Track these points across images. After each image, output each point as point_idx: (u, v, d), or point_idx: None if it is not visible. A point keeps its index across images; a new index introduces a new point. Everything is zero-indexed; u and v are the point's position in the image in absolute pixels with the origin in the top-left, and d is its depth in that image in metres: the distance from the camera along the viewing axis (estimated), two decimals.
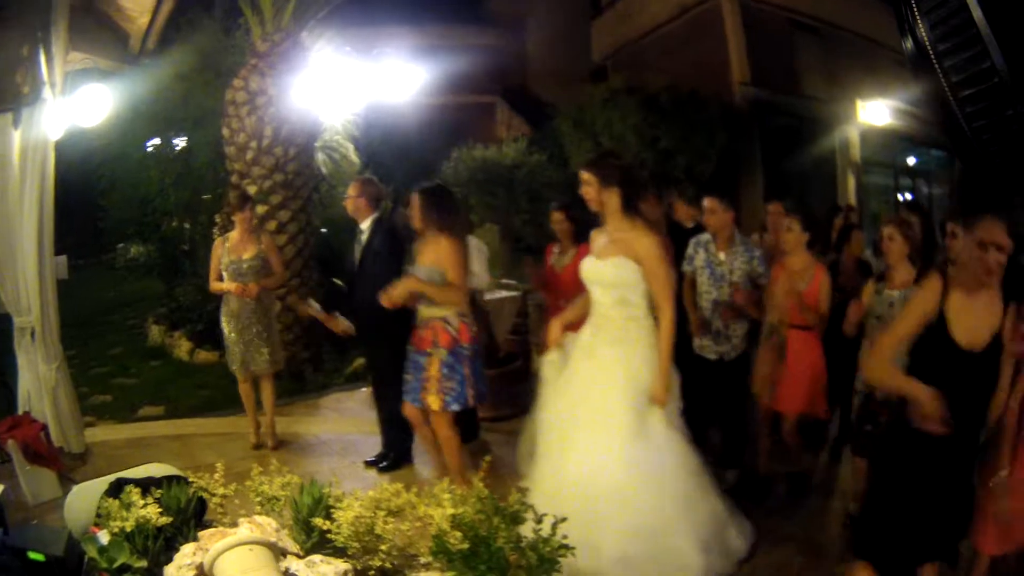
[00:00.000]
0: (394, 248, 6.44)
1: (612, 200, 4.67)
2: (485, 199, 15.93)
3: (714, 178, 14.99)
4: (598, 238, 4.86)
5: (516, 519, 2.93)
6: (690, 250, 6.30)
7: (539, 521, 3.07)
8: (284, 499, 3.75)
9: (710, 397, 6.06)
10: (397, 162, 16.66)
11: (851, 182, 17.25)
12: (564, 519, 3.07)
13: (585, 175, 4.76)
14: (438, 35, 24.62)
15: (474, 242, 7.08)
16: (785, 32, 19.56)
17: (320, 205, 12.55)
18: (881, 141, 18.87)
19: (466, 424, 6.50)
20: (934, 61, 39.15)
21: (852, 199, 16.81)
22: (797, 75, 19.54)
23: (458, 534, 2.85)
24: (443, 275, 5.35)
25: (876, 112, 16.61)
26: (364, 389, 8.86)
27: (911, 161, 22.50)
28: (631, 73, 18.31)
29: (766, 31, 18.88)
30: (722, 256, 6.08)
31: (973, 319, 3.08)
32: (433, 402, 5.36)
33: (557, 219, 6.65)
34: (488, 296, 8.72)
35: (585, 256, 5.00)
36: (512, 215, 16.23)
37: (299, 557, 3.18)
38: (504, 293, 9.49)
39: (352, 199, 6.60)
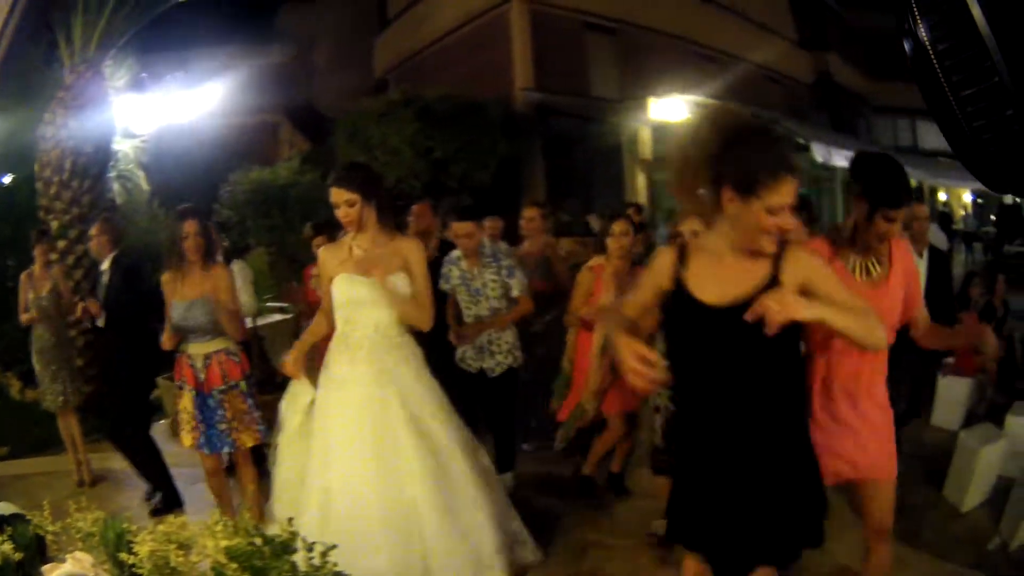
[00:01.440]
0: (132, 285, 6.56)
1: (372, 215, 4.49)
2: (261, 221, 15.76)
3: (494, 186, 15.40)
4: (343, 254, 4.59)
5: (286, 549, 2.86)
6: (444, 268, 6.37)
7: (310, 550, 2.94)
8: (97, 534, 3.53)
9: (476, 407, 6.25)
10: (190, 186, 16.26)
11: (641, 181, 17.54)
12: (334, 546, 2.93)
13: (345, 195, 4.41)
14: (230, 56, 24.24)
15: (237, 267, 7.36)
16: (577, 34, 20.12)
17: None
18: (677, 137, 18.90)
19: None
20: (934, 61, 42.38)
21: (642, 198, 17.17)
22: (587, 77, 20.11)
23: (234, 565, 2.81)
24: (220, 305, 5.24)
25: (671, 108, 16.55)
26: (163, 421, 9.05)
27: None
28: (413, 85, 18.53)
29: (556, 34, 19.39)
30: (475, 271, 6.21)
31: (718, 281, 2.97)
32: (248, 439, 5.31)
33: (311, 237, 6.80)
34: (262, 321, 9.08)
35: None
36: (287, 235, 15.94)
37: None
38: (278, 316, 9.81)
39: (95, 238, 6.74)
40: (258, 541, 2.86)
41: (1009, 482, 6.25)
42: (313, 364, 4.89)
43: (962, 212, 31.85)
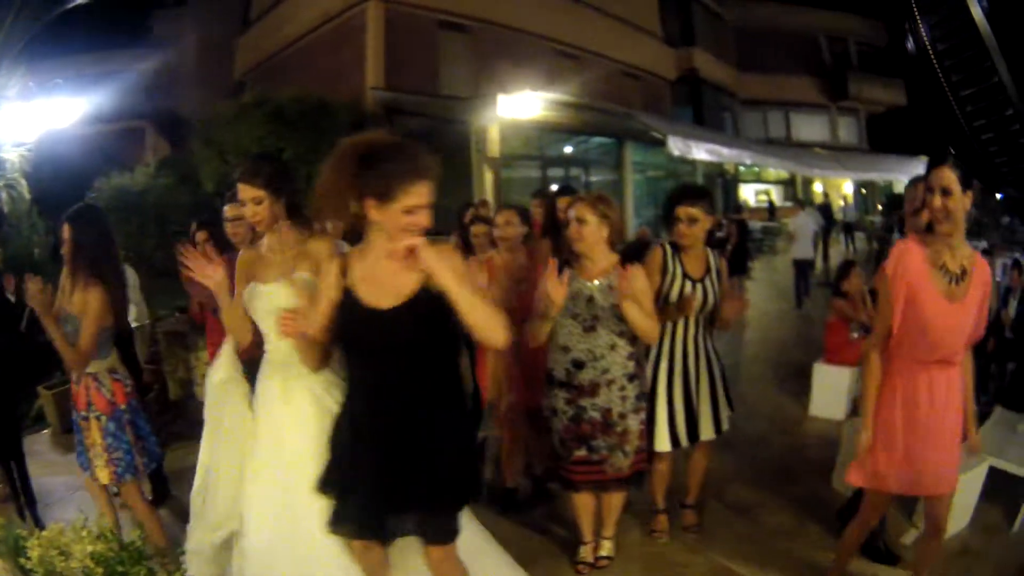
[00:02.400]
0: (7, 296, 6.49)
1: (282, 211, 4.04)
2: (121, 227, 15.65)
3: None
4: (252, 260, 4.13)
5: (141, 555, 3.14)
6: None
7: (164, 555, 3.27)
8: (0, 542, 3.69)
9: None
10: (67, 194, 16.36)
11: (488, 177, 17.92)
12: (183, 552, 3.40)
13: (252, 191, 3.95)
14: (107, 62, 24.95)
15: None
16: (430, 32, 20.56)
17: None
18: (527, 134, 19.75)
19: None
20: (934, 61, 41.77)
21: (489, 194, 17.42)
22: (438, 75, 20.59)
23: (100, 570, 3.07)
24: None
25: (523, 105, 16.79)
26: (46, 431, 8.78)
27: (568, 150, 23.72)
28: (268, 87, 18.94)
29: (410, 33, 19.84)
30: None
31: (379, 284, 3.30)
32: (102, 475, 4.90)
33: (201, 239, 6.12)
34: None
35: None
36: (143, 241, 16.29)
37: None
38: (134, 323, 9.42)
39: None
40: (116, 547, 3.13)
41: None
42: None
43: (841, 203, 32.54)
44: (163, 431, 6.97)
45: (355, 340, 3.41)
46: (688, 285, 5.08)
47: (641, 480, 4.99)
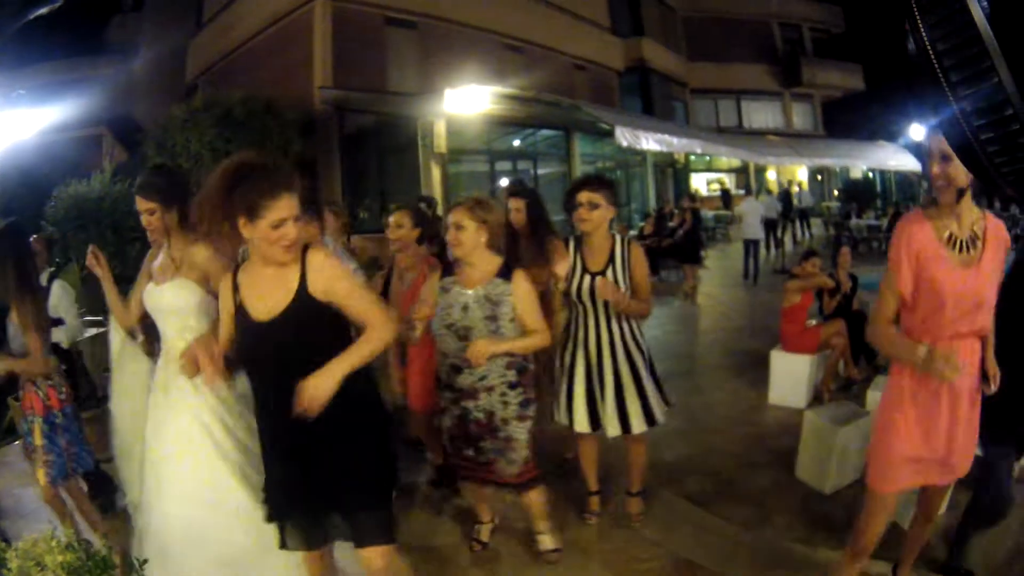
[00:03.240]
0: None
1: (174, 222, 4.44)
2: (79, 235, 15.89)
3: None
4: (152, 260, 4.61)
5: (107, 564, 3.24)
6: None
7: (130, 566, 3.40)
8: None
9: None
10: (28, 205, 16.50)
11: (436, 172, 18.34)
12: (146, 560, 3.43)
13: (145, 203, 4.44)
14: (68, 71, 25.18)
15: (58, 287, 7.08)
16: (378, 29, 20.90)
17: None
18: (474, 128, 20.17)
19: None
20: (934, 61, 43.70)
21: (437, 190, 17.89)
22: (386, 72, 20.89)
23: None
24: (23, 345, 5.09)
25: (469, 99, 17.24)
26: (17, 443, 8.67)
27: (516, 143, 24.29)
28: (219, 89, 19.10)
29: (358, 31, 20.14)
30: None
31: (263, 297, 3.46)
32: (40, 476, 5.13)
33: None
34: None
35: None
36: (100, 248, 16.11)
37: None
38: (95, 330, 9.54)
39: None
40: (83, 557, 3.24)
41: None
42: None
43: (796, 189, 32.07)
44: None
45: (246, 353, 3.55)
46: (587, 279, 5.13)
47: (529, 487, 4.92)
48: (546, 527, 5.14)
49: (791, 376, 8.59)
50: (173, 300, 4.34)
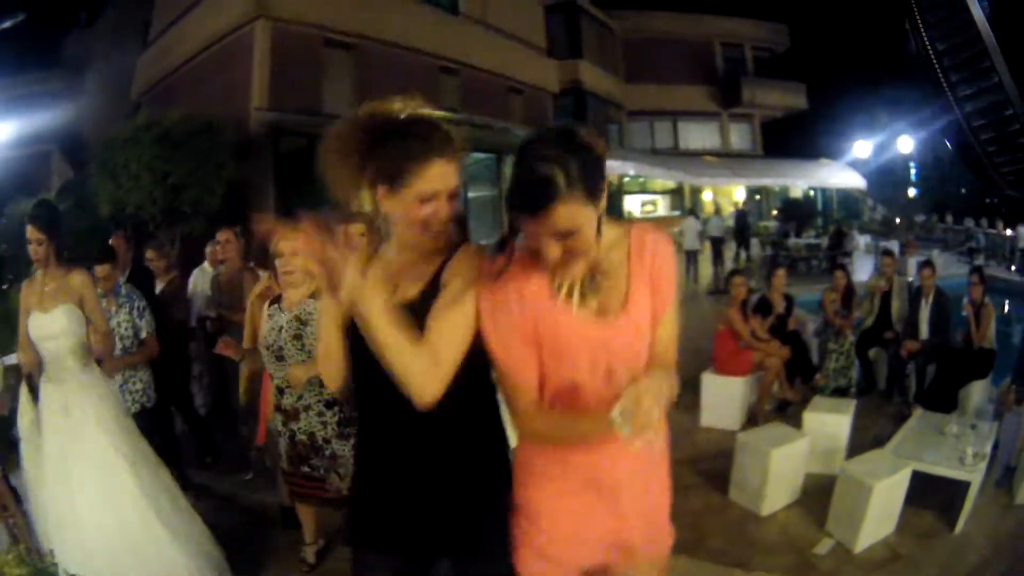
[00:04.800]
0: None
1: (53, 252, 4.94)
2: (23, 254, 16.42)
3: (224, 209, 16.02)
4: (31, 293, 5.00)
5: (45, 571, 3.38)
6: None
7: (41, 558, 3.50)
8: None
9: None
10: None
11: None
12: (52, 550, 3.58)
13: (36, 234, 4.90)
14: (21, 85, 25.38)
15: None
16: (315, 51, 21.41)
17: None
18: None
19: None
20: (934, 61, 41.72)
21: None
22: (322, 93, 21.33)
23: None
24: None
25: None
26: None
27: None
28: (162, 108, 19.18)
29: (296, 52, 20.58)
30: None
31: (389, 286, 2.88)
32: None
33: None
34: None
35: None
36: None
37: None
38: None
39: None
40: (32, 571, 3.35)
41: (821, 479, 6.38)
42: None
43: (731, 209, 33.08)
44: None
45: (365, 354, 2.56)
46: None
47: None
48: None
49: (724, 398, 8.73)
50: (66, 324, 4.81)
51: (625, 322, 2.60)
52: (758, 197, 41.95)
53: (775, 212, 38.28)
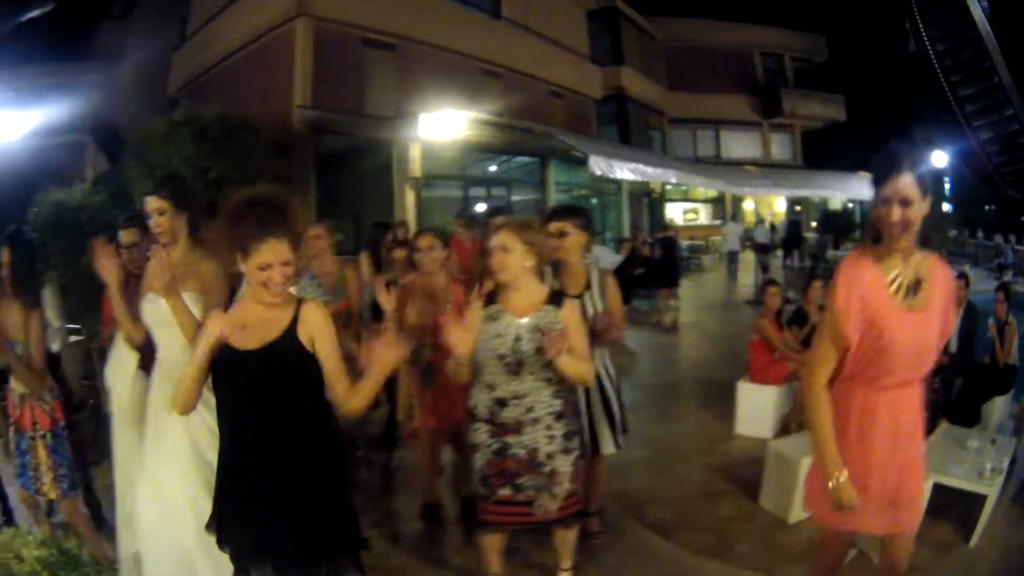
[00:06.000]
0: None
1: (183, 226, 4.50)
2: (57, 243, 15.98)
3: None
4: (153, 273, 4.21)
5: (78, 562, 3.39)
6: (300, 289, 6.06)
7: (99, 563, 3.49)
8: None
9: None
10: (10, 208, 16.40)
11: (410, 197, 18.53)
12: (115, 561, 3.50)
13: (156, 203, 4.47)
14: (51, 75, 24.89)
15: (49, 292, 6.96)
16: (357, 51, 21.15)
17: None
18: (449, 153, 20.25)
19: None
20: (934, 61, 41.43)
21: (410, 214, 18.08)
22: (364, 94, 21.11)
23: (46, 573, 3.30)
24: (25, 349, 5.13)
25: (444, 124, 17.48)
26: None
27: (492, 169, 24.50)
28: (200, 104, 19.06)
29: (338, 51, 20.34)
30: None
31: (250, 329, 3.52)
32: (50, 491, 5.20)
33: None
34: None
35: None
36: (80, 257, 16.22)
37: None
38: (73, 338, 9.51)
39: None
40: (56, 553, 3.38)
41: None
42: None
43: (771, 219, 32.36)
44: (96, 446, 6.98)
45: (224, 379, 3.53)
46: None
47: (572, 522, 4.76)
48: (569, 565, 4.92)
49: (758, 407, 8.69)
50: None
51: (926, 318, 3.53)
52: (798, 208, 41.44)
53: (813, 224, 37.80)
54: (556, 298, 4.52)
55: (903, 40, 40.78)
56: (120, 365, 5.08)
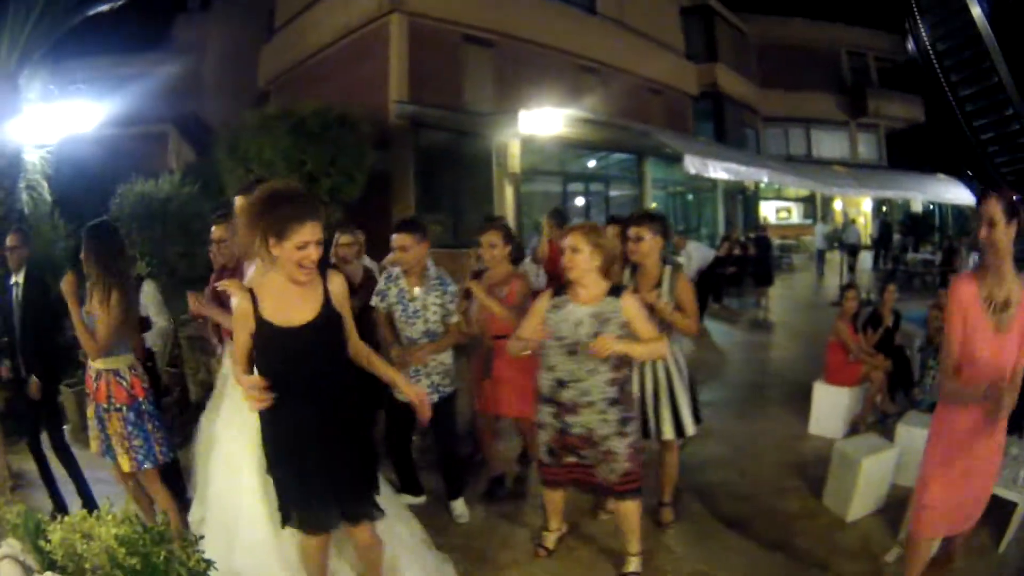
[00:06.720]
0: (45, 297, 6.74)
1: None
2: (144, 234, 15.84)
3: (363, 199, 15.90)
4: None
5: (163, 538, 3.38)
6: (381, 284, 6.31)
7: (184, 540, 3.44)
8: (20, 525, 3.91)
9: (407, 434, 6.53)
10: (88, 198, 16.48)
11: (509, 192, 18.38)
12: (202, 536, 3.50)
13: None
14: (129, 66, 25.04)
15: (146, 288, 6.92)
16: (454, 46, 20.86)
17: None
18: (548, 149, 20.12)
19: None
20: (934, 60, 41.10)
21: (510, 209, 17.96)
22: (462, 89, 20.81)
23: (123, 550, 3.28)
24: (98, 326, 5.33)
25: (543, 121, 17.06)
26: (66, 427, 8.57)
27: (591, 165, 24.31)
28: (291, 96, 19.17)
29: (434, 47, 20.06)
30: (416, 291, 6.11)
31: (286, 308, 3.90)
32: (124, 463, 5.38)
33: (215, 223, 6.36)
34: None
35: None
36: (167, 248, 16.06)
37: (39, 573, 3.59)
38: (159, 341, 9.33)
39: (14, 251, 6.75)
40: (140, 530, 3.38)
41: (904, 491, 6.24)
42: None
43: (861, 220, 32.95)
44: (183, 431, 7.29)
45: (272, 356, 3.95)
46: None
47: (629, 496, 5.16)
48: (636, 548, 5.37)
49: (831, 407, 8.86)
50: None
51: (1008, 339, 3.91)
52: (884, 209, 40.71)
53: (897, 225, 36.71)
54: (616, 290, 5.03)
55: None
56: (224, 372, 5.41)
